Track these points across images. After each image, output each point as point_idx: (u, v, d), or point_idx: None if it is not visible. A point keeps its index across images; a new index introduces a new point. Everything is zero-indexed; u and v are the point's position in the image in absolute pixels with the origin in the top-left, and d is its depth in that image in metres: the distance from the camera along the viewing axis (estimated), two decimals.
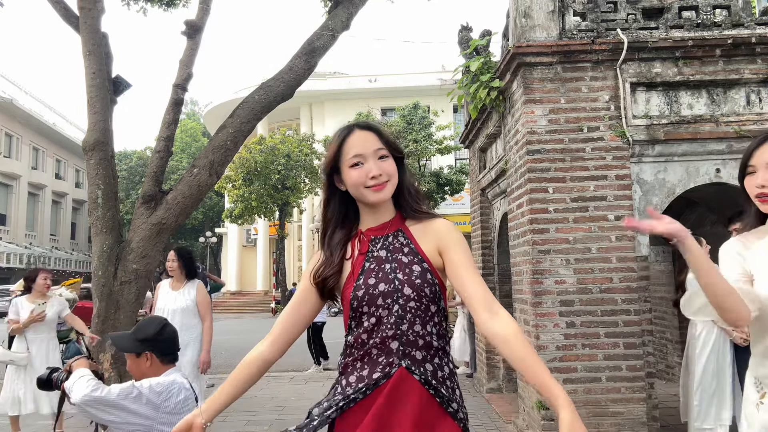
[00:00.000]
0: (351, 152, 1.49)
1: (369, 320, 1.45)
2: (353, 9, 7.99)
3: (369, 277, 1.47)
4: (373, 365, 1.42)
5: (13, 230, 28.77)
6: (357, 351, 1.46)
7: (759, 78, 4.29)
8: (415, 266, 1.47)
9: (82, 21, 7.26)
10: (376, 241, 1.53)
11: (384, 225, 1.55)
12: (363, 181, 1.48)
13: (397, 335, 1.42)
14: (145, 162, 33.53)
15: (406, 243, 1.52)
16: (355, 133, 1.52)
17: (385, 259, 1.49)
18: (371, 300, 1.44)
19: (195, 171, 7.13)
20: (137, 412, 2.15)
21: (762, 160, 1.53)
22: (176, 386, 2.28)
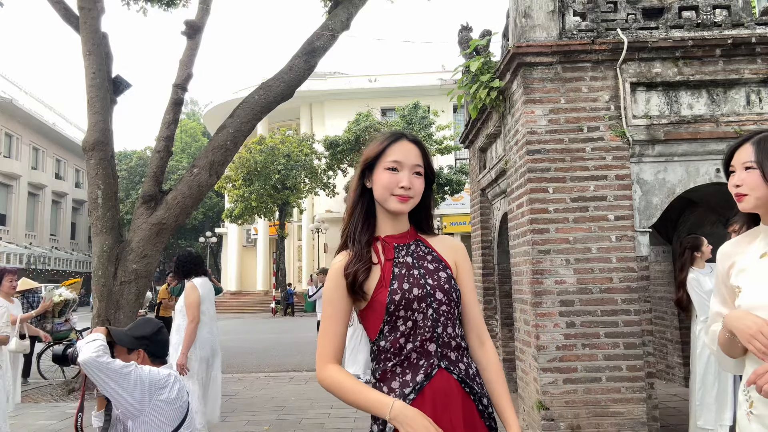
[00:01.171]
0: (392, 156, 1.54)
1: (405, 324, 1.47)
2: (353, 9, 7.99)
3: (402, 282, 1.49)
4: (415, 369, 1.45)
5: (13, 230, 28.76)
6: (395, 357, 1.47)
7: (759, 78, 4.29)
8: (441, 272, 1.54)
9: (82, 21, 7.26)
10: (400, 248, 1.57)
11: (404, 234, 1.60)
12: (392, 187, 1.52)
13: (434, 337, 1.47)
14: (145, 162, 33.53)
15: (428, 251, 1.59)
16: (403, 141, 1.57)
17: (412, 266, 1.54)
18: (408, 304, 1.47)
19: (195, 171, 7.13)
20: (131, 390, 2.23)
21: (739, 160, 1.58)
22: (172, 378, 2.38)
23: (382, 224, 1.60)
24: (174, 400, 2.32)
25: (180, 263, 4.66)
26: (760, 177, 1.51)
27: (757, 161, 1.53)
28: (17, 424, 5.68)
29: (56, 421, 5.74)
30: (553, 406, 3.93)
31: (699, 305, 4.18)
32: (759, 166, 1.52)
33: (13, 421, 5.80)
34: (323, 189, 24.21)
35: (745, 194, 1.54)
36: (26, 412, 6.18)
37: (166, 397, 2.30)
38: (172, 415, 2.31)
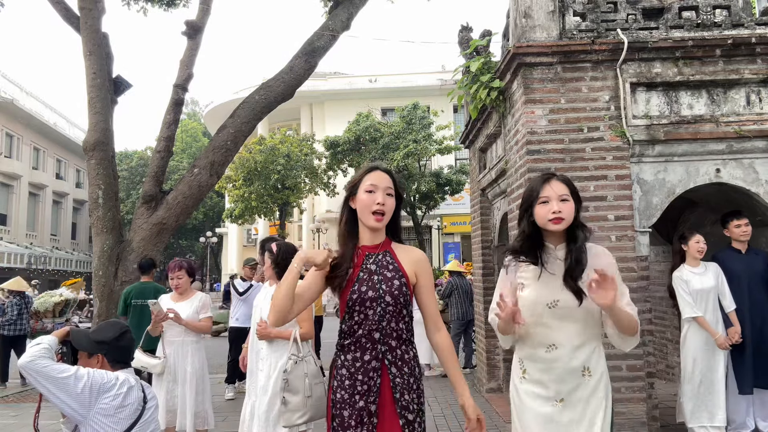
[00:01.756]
0: (369, 181, 2.07)
1: (359, 315, 2.02)
2: (353, 9, 8.00)
3: (362, 285, 2.03)
4: (363, 349, 2.01)
5: (13, 230, 28.78)
6: (350, 337, 2.04)
7: (759, 78, 4.29)
8: (396, 281, 2.04)
9: (83, 21, 7.27)
10: (370, 256, 2.08)
11: (377, 245, 2.10)
12: (370, 204, 2.04)
13: (379, 328, 2.01)
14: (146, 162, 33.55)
15: (391, 262, 2.09)
16: (376, 171, 2.11)
17: (374, 272, 2.05)
18: (362, 302, 2.01)
19: (195, 171, 7.14)
20: (73, 394, 2.14)
21: (555, 192, 2.02)
22: (120, 380, 2.27)
23: (363, 235, 2.12)
24: (121, 404, 2.22)
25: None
26: (572, 207, 2.04)
27: (570, 194, 2.03)
28: (17, 424, 5.69)
29: (56, 421, 5.74)
30: None
31: (682, 304, 4.20)
32: (572, 197, 2.04)
33: (14, 421, 5.80)
34: (323, 189, 24.21)
35: (563, 219, 2.01)
36: (26, 412, 6.19)
37: (111, 400, 2.20)
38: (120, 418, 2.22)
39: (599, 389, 2.03)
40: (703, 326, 4.12)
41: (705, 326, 4.11)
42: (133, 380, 2.35)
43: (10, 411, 6.33)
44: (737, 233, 4.23)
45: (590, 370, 2.04)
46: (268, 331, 3.49)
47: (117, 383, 2.25)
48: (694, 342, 4.16)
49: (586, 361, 2.04)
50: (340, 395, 2.00)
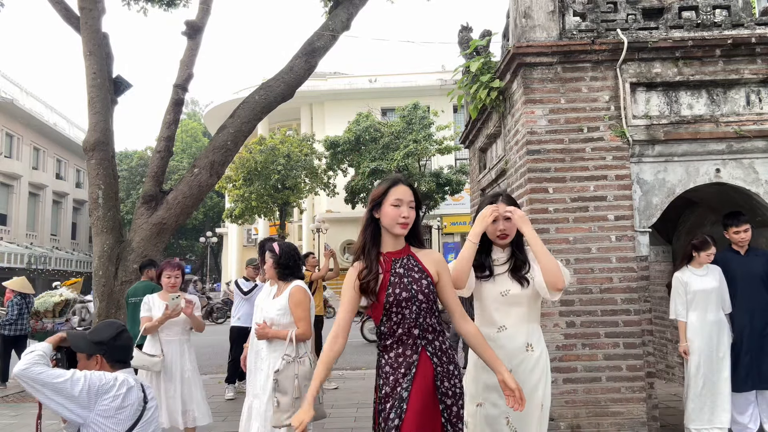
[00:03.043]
0: (395, 196, 2.26)
1: (397, 316, 2.20)
2: (353, 9, 8.00)
3: (395, 288, 2.21)
4: (405, 346, 2.20)
5: (13, 230, 28.77)
6: (391, 336, 2.22)
7: (759, 78, 4.29)
8: (423, 281, 2.24)
9: (83, 21, 7.27)
10: (396, 261, 2.28)
11: (400, 251, 2.31)
12: (396, 218, 2.24)
13: (417, 325, 2.21)
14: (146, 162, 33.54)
15: (415, 264, 2.28)
16: (401, 186, 2.29)
17: (403, 275, 2.25)
18: (398, 303, 2.19)
19: (195, 171, 7.14)
20: (71, 398, 2.14)
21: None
22: (119, 381, 2.26)
23: (385, 243, 2.31)
24: (121, 405, 2.21)
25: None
26: (514, 224, 2.51)
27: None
28: (17, 424, 5.69)
29: (56, 421, 5.75)
30: (553, 406, 3.93)
31: (671, 304, 4.29)
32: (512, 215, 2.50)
33: (14, 421, 5.81)
34: (323, 189, 24.21)
35: (508, 235, 2.55)
36: (26, 412, 6.19)
37: (111, 401, 2.19)
38: (120, 419, 2.21)
39: (540, 362, 2.50)
40: (680, 331, 4.25)
41: (681, 332, 4.24)
42: (132, 380, 2.34)
43: (10, 411, 6.33)
44: (736, 239, 4.30)
45: (532, 346, 2.50)
46: (266, 332, 3.49)
47: (116, 384, 2.25)
48: (698, 343, 4.16)
49: (529, 338, 2.51)
50: (385, 391, 2.18)
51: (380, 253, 2.28)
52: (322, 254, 22.87)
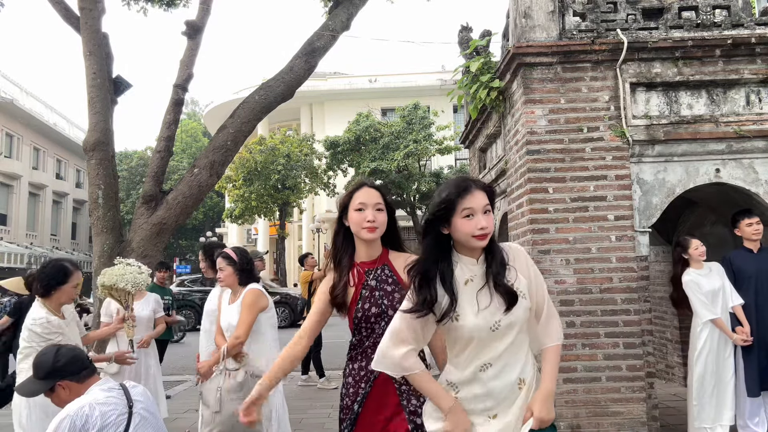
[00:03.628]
0: (359, 200, 2.10)
1: (366, 330, 2.11)
2: (353, 9, 7.99)
3: (365, 303, 2.09)
4: (369, 360, 1.99)
5: (13, 230, 28.77)
6: (358, 347, 2.13)
7: (759, 78, 4.29)
8: (396, 294, 2.09)
9: (83, 21, 7.27)
10: (369, 273, 2.13)
11: (375, 260, 2.14)
12: (361, 222, 2.07)
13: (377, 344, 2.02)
14: (146, 162, 33.54)
15: (390, 275, 2.13)
16: (364, 188, 2.13)
17: (375, 288, 2.11)
18: (367, 319, 2.09)
19: (195, 171, 7.14)
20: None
21: (478, 205, 1.82)
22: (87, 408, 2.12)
23: (359, 251, 2.16)
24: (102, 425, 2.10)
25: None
26: (493, 218, 1.89)
27: (492, 207, 1.89)
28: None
29: None
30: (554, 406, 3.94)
31: (699, 307, 4.16)
32: (492, 210, 1.92)
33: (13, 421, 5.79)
34: (323, 189, 24.21)
35: (488, 234, 1.83)
36: None
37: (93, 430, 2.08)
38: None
39: (530, 394, 1.87)
40: (720, 328, 4.10)
41: (722, 328, 4.10)
42: (102, 395, 2.19)
43: (9, 411, 6.32)
44: (749, 232, 4.18)
45: (524, 380, 1.86)
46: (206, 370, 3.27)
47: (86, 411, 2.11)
48: (709, 344, 4.13)
49: (521, 372, 1.86)
50: (345, 402, 2.11)
51: (354, 264, 2.14)
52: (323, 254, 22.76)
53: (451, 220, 1.81)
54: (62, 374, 2.24)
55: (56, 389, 2.25)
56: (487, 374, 1.84)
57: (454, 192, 1.81)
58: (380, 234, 2.11)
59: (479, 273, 1.85)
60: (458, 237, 1.83)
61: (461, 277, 1.85)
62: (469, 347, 1.84)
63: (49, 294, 3.25)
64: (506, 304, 1.80)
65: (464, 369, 1.86)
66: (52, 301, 3.26)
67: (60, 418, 2.09)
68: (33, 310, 3.23)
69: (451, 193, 1.80)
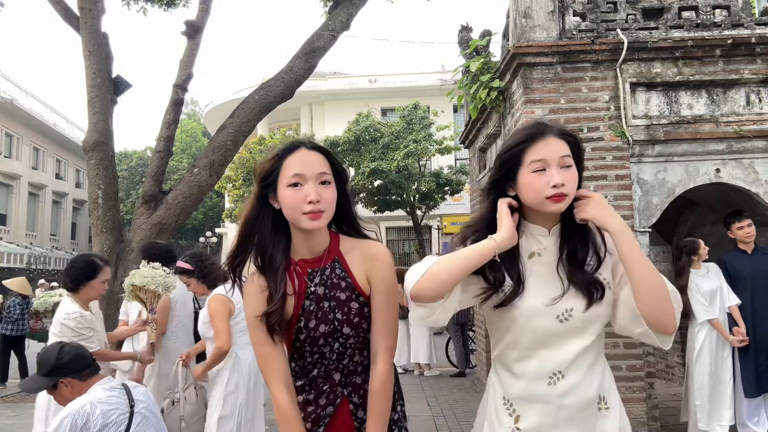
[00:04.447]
0: (291, 170, 1.41)
1: (312, 356, 1.49)
2: (353, 9, 7.99)
3: (309, 319, 1.46)
4: (319, 393, 1.50)
5: (13, 230, 28.77)
6: (304, 377, 1.52)
7: (759, 78, 4.29)
8: (353, 303, 1.48)
9: (83, 21, 7.27)
10: (314, 274, 1.49)
11: (320, 257, 1.50)
12: (299, 205, 1.39)
13: (339, 368, 1.50)
14: (146, 162, 33.54)
15: (343, 276, 1.50)
16: (300, 151, 1.45)
17: (323, 296, 1.48)
18: (313, 341, 1.47)
19: (195, 171, 7.13)
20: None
21: (554, 154, 1.36)
22: (87, 407, 2.11)
23: (297, 244, 1.50)
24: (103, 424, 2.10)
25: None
26: (576, 174, 1.39)
27: (575, 157, 1.40)
28: (17, 424, 5.69)
29: None
30: None
31: (697, 309, 4.16)
32: (577, 162, 1.41)
33: (13, 421, 5.80)
34: None
35: (566, 194, 1.36)
36: (27, 412, 6.18)
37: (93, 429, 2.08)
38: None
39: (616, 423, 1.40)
40: (717, 328, 4.11)
41: (719, 328, 4.10)
42: (104, 394, 2.19)
43: (9, 411, 6.33)
44: (740, 235, 4.19)
45: (606, 400, 1.40)
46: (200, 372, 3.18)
47: (89, 411, 2.11)
48: (708, 345, 4.14)
49: (601, 388, 1.40)
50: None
51: (293, 263, 1.49)
52: None
53: (517, 176, 1.40)
54: (65, 371, 2.25)
55: (59, 386, 2.26)
56: (558, 388, 1.36)
57: (521, 137, 1.41)
58: (328, 220, 1.45)
59: (551, 246, 1.43)
60: (526, 198, 1.40)
61: (525, 249, 1.43)
62: (525, 340, 1.39)
63: (78, 289, 3.21)
64: (585, 296, 1.36)
65: (523, 377, 1.40)
66: (81, 296, 3.21)
67: (61, 417, 2.10)
68: (64, 305, 3.21)
69: (518, 140, 1.41)
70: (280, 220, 1.49)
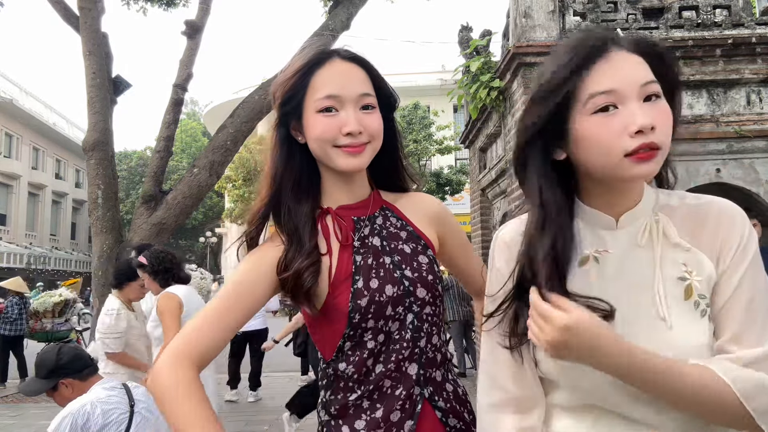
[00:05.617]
0: (323, 90, 1.02)
1: (376, 338, 1.03)
2: (353, 9, 7.99)
3: (369, 277, 1.04)
4: (389, 402, 1.02)
5: (13, 230, 28.76)
6: (361, 385, 1.04)
7: (759, 78, 4.29)
8: (421, 256, 1.10)
9: (82, 21, 7.26)
10: (362, 224, 1.10)
11: (364, 202, 1.12)
12: (334, 136, 1.02)
13: (414, 355, 1.04)
14: (145, 162, 33.54)
15: (402, 226, 1.12)
16: (334, 62, 1.04)
17: (381, 251, 1.07)
18: (378, 311, 1.02)
19: (195, 171, 7.13)
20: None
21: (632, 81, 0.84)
22: (89, 406, 2.11)
23: (331, 190, 1.11)
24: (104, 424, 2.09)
25: None
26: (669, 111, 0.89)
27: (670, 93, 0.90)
28: (17, 425, 5.68)
29: None
30: None
31: None
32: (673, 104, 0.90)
33: (13, 422, 5.80)
34: None
35: (658, 148, 0.86)
36: (26, 412, 6.18)
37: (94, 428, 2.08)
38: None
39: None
40: None
41: None
42: (105, 393, 2.19)
43: (9, 411, 6.32)
44: None
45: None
46: None
47: (87, 409, 2.11)
48: None
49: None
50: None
51: (327, 211, 1.11)
52: None
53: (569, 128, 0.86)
54: (65, 372, 2.26)
55: (59, 388, 2.27)
56: None
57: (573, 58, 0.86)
58: (373, 155, 1.07)
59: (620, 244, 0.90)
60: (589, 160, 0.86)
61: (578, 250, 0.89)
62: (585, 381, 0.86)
63: (121, 287, 3.57)
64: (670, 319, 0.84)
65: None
66: (124, 294, 3.57)
67: (62, 416, 2.10)
68: (108, 301, 3.57)
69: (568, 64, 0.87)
70: (306, 157, 1.09)
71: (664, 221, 0.93)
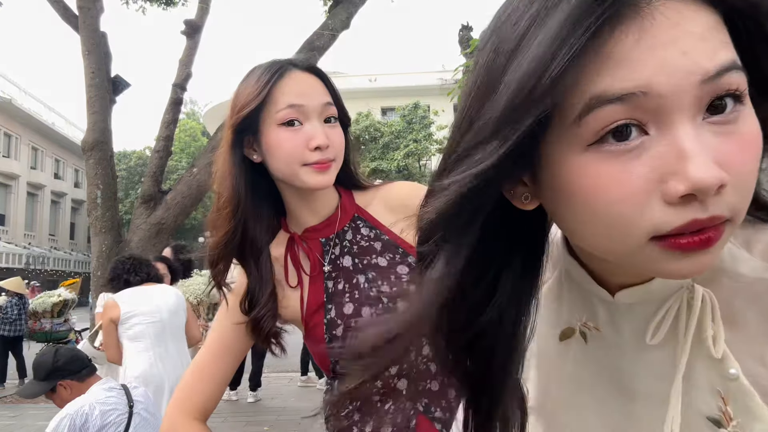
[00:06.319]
0: (284, 100, 0.94)
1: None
2: (353, 8, 7.98)
3: (342, 303, 1.00)
4: (378, 416, 1.00)
5: (12, 230, 28.74)
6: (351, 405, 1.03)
7: None
8: (400, 267, 1.01)
9: (81, 20, 7.25)
10: (329, 245, 1.03)
11: (331, 218, 1.04)
12: (302, 154, 0.93)
13: (404, 371, 0.98)
14: (145, 162, 33.51)
15: (376, 236, 1.03)
16: (293, 73, 0.96)
17: (354, 270, 1.01)
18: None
19: (194, 171, 7.12)
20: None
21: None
22: (87, 407, 2.11)
23: (297, 212, 1.03)
24: (102, 425, 2.09)
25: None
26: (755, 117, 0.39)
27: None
28: (17, 425, 5.67)
29: None
30: None
31: None
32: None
33: (12, 422, 5.79)
34: None
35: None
36: (26, 413, 6.16)
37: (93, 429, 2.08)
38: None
39: None
40: None
41: None
42: (103, 394, 2.18)
43: (8, 412, 6.31)
44: None
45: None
46: None
47: (86, 410, 2.10)
48: None
49: None
50: None
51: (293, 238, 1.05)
52: None
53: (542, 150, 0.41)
54: (63, 374, 2.27)
55: (57, 389, 2.27)
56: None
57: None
58: (337, 171, 1.00)
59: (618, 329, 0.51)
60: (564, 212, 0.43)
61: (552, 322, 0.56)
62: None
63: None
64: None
65: None
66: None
67: (60, 417, 2.09)
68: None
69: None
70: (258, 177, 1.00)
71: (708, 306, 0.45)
